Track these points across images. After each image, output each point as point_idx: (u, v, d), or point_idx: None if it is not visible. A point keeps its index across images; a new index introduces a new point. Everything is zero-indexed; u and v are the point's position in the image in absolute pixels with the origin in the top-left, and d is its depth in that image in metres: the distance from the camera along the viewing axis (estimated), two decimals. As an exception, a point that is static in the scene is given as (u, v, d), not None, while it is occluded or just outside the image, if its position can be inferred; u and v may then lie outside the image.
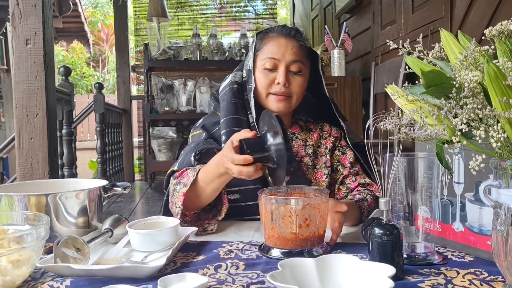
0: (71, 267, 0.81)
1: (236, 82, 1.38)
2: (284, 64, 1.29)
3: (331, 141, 1.39)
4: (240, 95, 1.35)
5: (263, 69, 1.31)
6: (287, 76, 1.29)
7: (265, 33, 1.36)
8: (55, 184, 1.23)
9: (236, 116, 1.31)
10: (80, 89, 12.28)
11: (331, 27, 4.69)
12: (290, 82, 1.30)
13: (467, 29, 2.49)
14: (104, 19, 13.62)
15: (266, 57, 1.30)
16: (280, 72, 1.29)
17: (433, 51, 0.88)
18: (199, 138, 1.35)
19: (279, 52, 1.29)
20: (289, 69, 1.29)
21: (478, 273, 0.82)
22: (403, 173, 0.90)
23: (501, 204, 0.70)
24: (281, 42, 1.31)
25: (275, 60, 1.29)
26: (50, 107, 2.29)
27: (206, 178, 1.12)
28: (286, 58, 1.29)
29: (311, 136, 1.40)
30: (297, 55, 1.30)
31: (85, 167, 6.66)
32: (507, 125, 0.71)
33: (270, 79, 1.30)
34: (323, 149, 1.39)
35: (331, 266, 0.77)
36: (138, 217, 3.27)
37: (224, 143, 1.27)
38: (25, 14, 2.22)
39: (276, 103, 1.30)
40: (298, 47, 1.31)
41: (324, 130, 1.43)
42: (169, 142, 4.62)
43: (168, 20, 5.03)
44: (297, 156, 1.35)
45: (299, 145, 1.37)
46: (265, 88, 1.31)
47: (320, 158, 1.37)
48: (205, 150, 1.27)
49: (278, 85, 1.29)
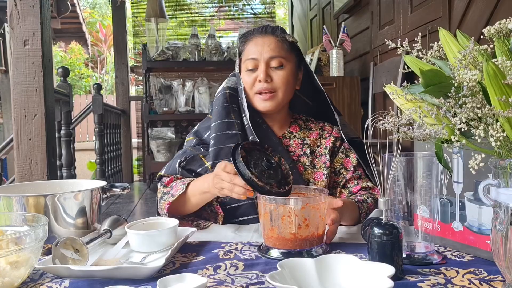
0: (70, 268, 0.81)
1: (229, 88, 1.39)
2: (263, 61, 1.31)
3: (331, 141, 1.38)
4: (233, 100, 1.36)
5: (246, 71, 1.33)
6: (267, 72, 1.30)
7: (246, 36, 1.39)
8: (53, 185, 1.23)
9: (227, 120, 1.32)
10: (79, 90, 12.27)
11: (330, 27, 4.69)
12: (272, 78, 1.31)
13: (466, 28, 2.49)
14: (102, 20, 13.61)
15: (246, 59, 1.33)
16: (260, 69, 1.31)
17: (432, 50, 0.87)
18: (190, 144, 1.40)
19: (256, 51, 1.32)
20: (269, 65, 1.31)
21: (477, 272, 0.82)
22: (402, 172, 0.90)
23: (501, 203, 0.70)
24: (257, 41, 1.33)
25: (254, 60, 1.32)
26: (48, 108, 2.28)
27: (192, 192, 1.21)
28: (263, 55, 1.31)
29: (309, 135, 1.40)
30: (274, 51, 1.31)
31: (84, 168, 6.66)
32: (506, 124, 0.71)
33: (253, 79, 1.32)
34: (322, 148, 1.38)
35: (331, 266, 0.77)
36: (137, 217, 3.27)
37: (213, 146, 1.30)
38: (23, 15, 2.22)
39: (262, 102, 1.32)
40: (275, 43, 1.32)
41: (325, 129, 1.42)
42: (168, 142, 4.62)
43: (166, 21, 5.03)
44: (295, 155, 1.34)
45: (296, 144, 1.37)
46: (250, 88, 1.33)
47: (320, 158, 1.36)
48: (190, 157, 1.34)
49: (260, 83, 1.30)
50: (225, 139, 1.30)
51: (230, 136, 1.30)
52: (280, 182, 1.02)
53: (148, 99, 4.67)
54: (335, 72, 3.65)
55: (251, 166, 1.00)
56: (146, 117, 4.60)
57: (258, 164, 1.02)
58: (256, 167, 1.01)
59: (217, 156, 1.29)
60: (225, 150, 1.28)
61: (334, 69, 3.66)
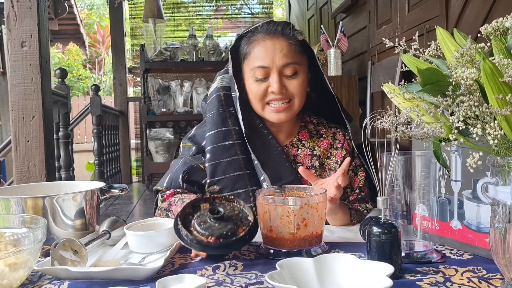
0: (69, 269, 0.81)
1: (223, 88, 1.28)
2: (276, 70, 1.18)
3: (343, 155, 1.27)
4: (229, 101, 1.26)
5: (255, 80, 1.20)
6: (281, 82, 1.18)
7: (250, 35, 1.23)
8: (52, 187, 1.23)
9: (223, 128, 1.22)
10: (77, 91, 12.25)
11: (327, 27, 4.70)
12: (286, 87, 1.20)
13: (463, 27, 2.49)
14: (100, 21, 13.59)
15: (254, 66, 1.20)
16: (273, 79, 1.18)
17: (429, 49, 0.88)
18: (188, 152, 1.30)
19: (267, 58, 1.18)
20: (282, 74, 1.19)
21: (476, 270, 0.82)
22: (400, 171, 0.90)
23: (499, 202, 0.70)
24: (267, 45, 1.19)
25: (265, 68, 1.18)
26: (46, 110, 2.28)
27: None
28: (276, 63, 1.17)
29: (319, 144, 1.29)
30: (288, 57, 1.18)
31: (82, 169, 6.65)
32: (504, 122, 0.71)
33: (263, 89, 1.20)
34: (332, 162, 1.28)
35: (330, 266, 0.77)
36: (135, 219, 3.27)
37: (209, 161, 1.21)
38: (20, 16, 2.22)
39: (275, 114, 1.21)
40: (288, 46, 1.19)
41: (337, 138, 1.30)
42: (166, 143, 4.62)
43: (164, 21, 5.03)
44: (303, 165, 1.24)
45: (305, 154, 1.28)
46: (260, 100, 1.21)
47: (328, 172, 1.27)
48: (191, 168, 1.24)
49: (273, 94, 1.19)
50: (222, 152, 1.21)
51: (227, 148, 1.21)
52: (224, 233, 0.87)
53: (146, 100, 4.66)
54: (333, 71, 3.65)
55: (192, 223, 0.90)
56: (144, 118, 4.60)
57: (203, 219, 0.90)
58: (200, 223, 0.89)
59: (214, 172, 1.20)
60: (222, 165, 1.20)
61: (332, 68, 3.66)
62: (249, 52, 1.22)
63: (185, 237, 0.87)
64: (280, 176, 1.22)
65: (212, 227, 0.88)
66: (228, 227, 0.87)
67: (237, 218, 0.91)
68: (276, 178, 1.21)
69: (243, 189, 1.21)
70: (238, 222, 0.90)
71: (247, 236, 0.88)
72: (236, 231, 0.87)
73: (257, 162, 1.21)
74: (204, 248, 0.87)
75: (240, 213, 0.93)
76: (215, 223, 0.88)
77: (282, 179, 1.22)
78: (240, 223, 0.90)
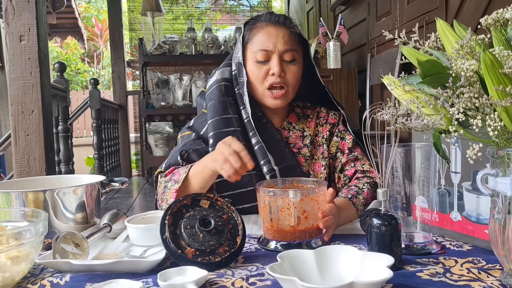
0: (71, 262, 0.81)
1: (224, 79, 1.34)
2: (277, 54, 1.25)
3: (328, 128, 1.35)
4: (230, 92, 1.32)
5: (256, 62, 1.27)
6: (281, 66, 1.25)
7: (253, 22, 1.32)
8: (52, 180, 1.23)
9: (224, 116, 1.27)
10: (75, 85, 12.22)
11: (326, 19, 4.68)
12: (285, 72, 1.26)
13: (463, 18, 2.49)
14: (98, 14, 13.52)
15: (257, 49, 1.27)
16: (274, 62, 1.25)
17: (429, 41, 0.87)
18: (188, 139, 1.33)
19: (270, 42, 1.26)
20: (282, 58, 1.26)
21: (476, 261, 0.83)
22: (400, 163, 0.91)
23: (499, 193, 0.71)
24: (271, 31, 1.27)
25: (267, 51, 1.26)
26: (45, 104, 2.27)
27: (193, 174, 1.14)
28: (278, 47, 1.25)
29: (308, 124, 1.37)
30: (288, 44, 1.26)
31: (82, 163, 6.65)
32: (504, 114, 0.71)
33: (264, 71, 1.27)
34: (320, 137, 1.35)
35: (330, 257, 0.77)
36: (136, 212, 3.27)
37: (212, 146, 1.24)
38: (19, 10, 2.21)
39: (273, 100, 1.28)
40: (288, 35, 1.27)
41: (321, 116, 1.38)
42: (166, 137, 4.62)
43: (162, 15, 5.00)
44: (295, 147, 1.32)
45: (296, 136, 1.34)
46: (260, 81, 1.28)
47: (318, 148, 1.34)
48: (192, 150, 1.25)
49: (273, 76, 1.25)
50: (225, 137, 1.21)
51: (229, 133, 1.24)
52: (203, 249, 0.84)
53: (145, 94, 4.65)
54: (332, 64, 3.65)
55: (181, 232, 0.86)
56: (143, 112, 4.59)
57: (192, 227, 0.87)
58: (187, 226, 0.87)
59: None
60: None
61: (331, 61, 3.66)
62: (252, 37, 1.30)
63: (164, 238, 0.85)
64: (283, 159, 1.27)
65: (195, 236, 0.85)
66: (210, 243, 0.85)
67: (225, 234, 0.87)
68: (279, 161, 1.26)
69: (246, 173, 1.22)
70: (223, 239, 0.86)
71: (223, 261, 0.84)
72: (217, 250, 0.85)
73: (261, 144, 1.25)
74: (176, 258, 0.83)
75: (232, 229, 0.90)
76: (200, 233, 0.86)
77: (285, 162, 1.27)
78: (225, 241, 0.87)
